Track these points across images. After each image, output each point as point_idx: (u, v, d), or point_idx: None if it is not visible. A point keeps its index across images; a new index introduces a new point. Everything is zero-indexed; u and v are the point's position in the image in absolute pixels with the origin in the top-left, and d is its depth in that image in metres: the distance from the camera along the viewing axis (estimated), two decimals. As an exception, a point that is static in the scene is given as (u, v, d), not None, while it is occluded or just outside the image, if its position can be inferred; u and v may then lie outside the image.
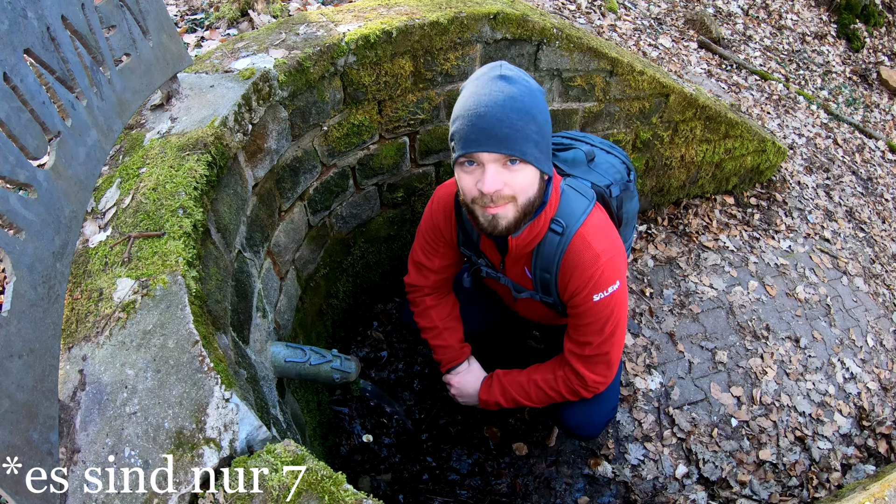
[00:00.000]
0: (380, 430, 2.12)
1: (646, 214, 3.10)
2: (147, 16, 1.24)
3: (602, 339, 1.41)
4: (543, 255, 1.38)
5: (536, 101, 1.17)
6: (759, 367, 2.55)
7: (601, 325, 1.39)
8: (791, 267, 3.10)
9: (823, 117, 4.63)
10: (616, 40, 3.61)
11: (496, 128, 1.13)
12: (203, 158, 1.22)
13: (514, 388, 1.58)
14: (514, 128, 1.13)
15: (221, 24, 2.36)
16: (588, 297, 1.35)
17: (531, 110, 1.15)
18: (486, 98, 1.14)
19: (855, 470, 2.34)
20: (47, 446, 0.78)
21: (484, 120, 1.13)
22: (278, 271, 1.70)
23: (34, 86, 0.82)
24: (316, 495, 0.79)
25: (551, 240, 1.35)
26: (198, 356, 0.92)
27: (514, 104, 1.13)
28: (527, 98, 1.15)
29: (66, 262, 0.88)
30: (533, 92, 1.18)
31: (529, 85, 1.18)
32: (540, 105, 1.18)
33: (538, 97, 1.18)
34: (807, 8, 5.99)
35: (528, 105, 1.15)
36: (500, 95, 1.14)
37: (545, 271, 1.41)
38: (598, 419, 1.64)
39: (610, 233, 1.39)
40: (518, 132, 1.14)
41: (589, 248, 1.32)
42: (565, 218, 1.35)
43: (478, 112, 1.14)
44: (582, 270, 1.33)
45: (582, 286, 1.34)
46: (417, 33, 1.78)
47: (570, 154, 1.59)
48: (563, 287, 1.40)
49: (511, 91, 1.14)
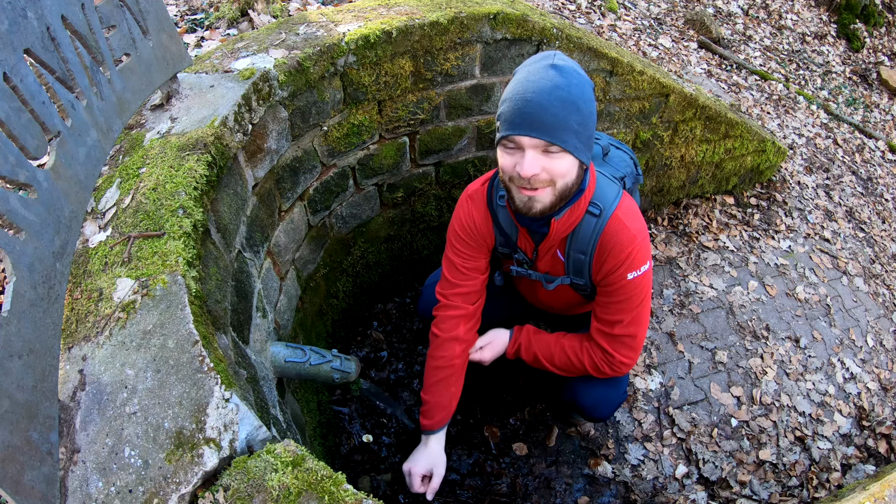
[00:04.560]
0: (380, 430, 2.12)
1: (646, 214, 3.10)
2: (147, 16, 1.24)
3: (631, 318, 1.45)
4: (580, 236, 1.42)
5: (584, 93, 1.20)
6: (759, 367, 2.55)
7: (632, 304, 1.43)
8: (791, 267, 3.10)
9: (823, 117, 4.63)
10: (616, 40, 3.61)
11: (540, 114, 1.16)
12: (203, 158, 1.22)
13: (539, 345, 1.61)
14: (557, 117, 1.16)
15: (221, 24, 2.36)
16: (623, 276, 1.39)
17: (577, 101, 1.18)
18: (534, 85, 1.17)
19: (855, 470, 2.34)
20: (47, 446, 0.78)
21: (529, 105, 1.17)
22: (278, 271, 1.70)
23: (34, 86, 0.82)
24: (316, 495, 0.79)
25: (588, 222, 1.40)
26: (198, 356, 0.92)
27: (560, 93, 1.16)
28: (574, 89, 1.18)
29: (66, 262, 0.88)
30: (582, 84, 1.20)
31: (580, 77, 1.21)
32: (587, 97, 1.20)
33: (586, 89, 1.21)
34: (807, 8, 5.99)
35: (574, 96, 1.17)
36: (547, 84, 1.16)
37: (580, 252, 1.44)
38: (613, 399, 1.69)
39: (640, 216, 1.44)
40: (560, 121, 1.16)
41: (625, 228, 1.37)
42: (601, 201, 1.40)
43: (525, 97, 1.17)
44: (620, 250, 1.37)
45: (619, 264, 1.38)
46: (417, 33, 1.78)
47: None
48: (598, 267, 1.43)
49: (559, 81, 1.17)
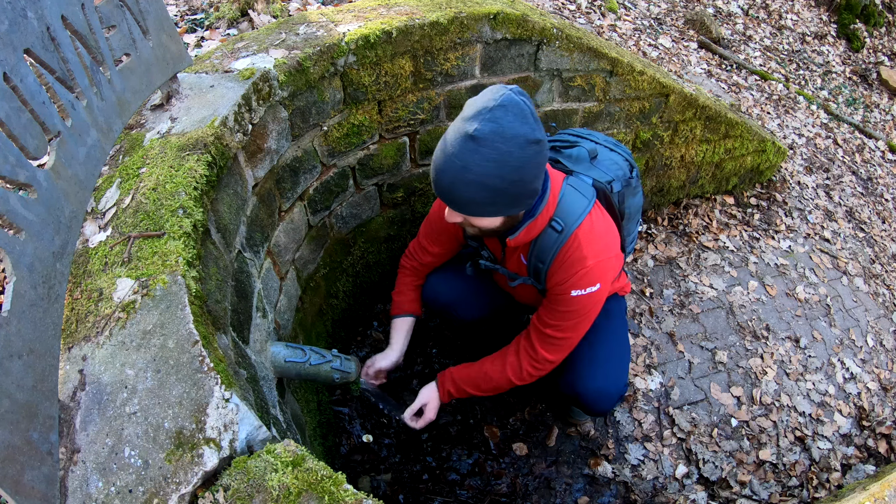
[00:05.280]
0: (380, 430, 2.12)
1: (646, 214, 3.10)
2: (147, 16, 1.24)
3: (567, 326, 1.51)
4: (541, 247, 1.47)
5: (501, 169, 1.17)
6: (759, 367, 2.55)
7: (571, 317, 1.50)
8: (791, 267, 3.10)
9: (823, 117, 4.63)
10: (616, 40, 3.61)
11: (450, 193, 1.24)
12: (203, 158, 1.22)
13: (463, 381, 1.69)
14: (465, 197, 1.22)
15: (221, 24, 2.35)
16: (567, 290, 1.45)
17: (487, 181, 1.18)
18: (448, 161, 1.20)
19: (855, 470, 2.34)
20: (47, 446, 0.78)
21: (439, 184, 1.24)
22: (278, 271, 1.70)
23: (34, 86, 0.82)
24: (316, 495, 0.79)
25: (550, 235, 1.44)
26: (198, 356, 0.92)
27: (467, 176, 1.18)
28: (488, 168, 1.17)
29: (66, 262, 0.88)
30: (499, 159, 1.16)
31: (499, 149, 1.16)
32: (503, 172, 1.17)
33: (506, 162, 1.17)
34: (807, 8, 5.99)
35: (484, 176, 1.18)
36: (456, 164, 1.18)
37: (539, 261, 1.50)
38: (613, 391, 1.72)
39: (605, 235, 1.45)
40: (470, 200, 1.23)
41: (580, 249, 1.41)
42: (564, 217, 1.42)
43: (437, 172, 1.24)
44: (570, 266, 1.43)
45: (566, 279, 1.44)
46: (417, 33, 1.78)
47: (574, 151, 1.65)
48: (550, 276, 1.49)
49: (470, 160, 1.17)
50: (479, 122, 1.16)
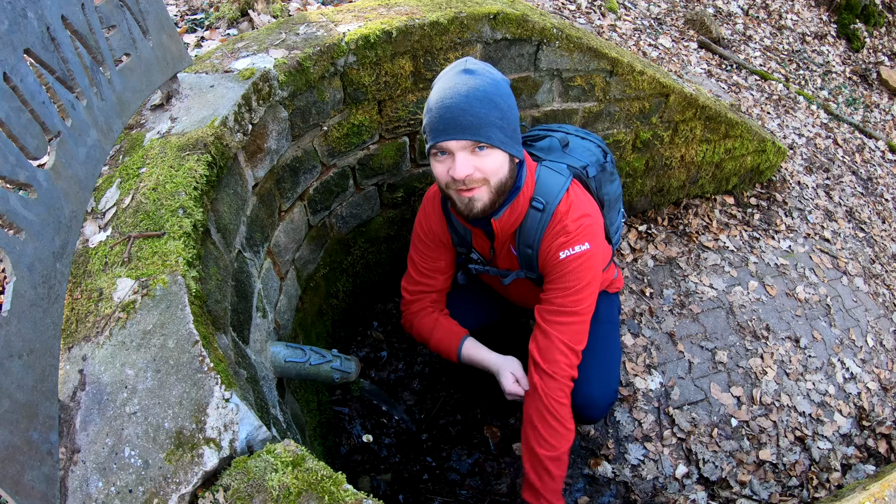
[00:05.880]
0: (380, 430, 2.12)
1: (646, 214, 3.10)
2: (147, 16, 1.24)
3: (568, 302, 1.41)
4: (526, 230, 1.46)
5: (500, 90, 1.27)
6: (759, 367, 2.55)
7: (569, 285, 1.41)
8: (791, 267, 3.10)
9: (823, 117, 4.63)
10: (616, 40, 3.61)
11: (462, 117, 1.22)
12: (203, 158, 1.22)
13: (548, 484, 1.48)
14: (478, 115, 1.23)
15: (221, 24, 2.36)
16: (556, 254, 1.41)
17: (494, 98, 1.24)
18: (452, 91, 1.25)
19: (855, 470, 2.34)
20: (47, 446, 0.78)
21: (450, 111, 1.23)
22: (278, 271, 1.70)
23: (34, 86, 0.82)
24: (316, 495, 0.79)
25: (533, 216, 1.44)
26: (198, 356, 0.92)
27: (476, 94, 1.23)
28: (489, 88, 1.25)
29: (66, 262, 0.88)
30: (496, 82, 1.27)
31: (493, 76, 1.28)
32: (503, 93, 1.27)
33: (501, 86, 1.28)
34: (807, 8, 5.99)
35: (490, 94, 1.24)
36: (463, 87, 1.24)
37: (528, 246, 1.49)
38: (602, 400, 1.64)
39: (587, 205, 1.47)
40: (482, 119, 1.23)
41: (563, 219, 1.42)
42: (545, 195, 1.44)
43: (444, 104, 1.24)
44: (554, 234, 1.43)
45: (552, 244, 1.43)
46: (417, 33, 1.78)
47: (545, 142, 1.67)
48: (541, 256, 1.47)
49: (474, 83, 1.24)
50: (464, 65, 1.29)
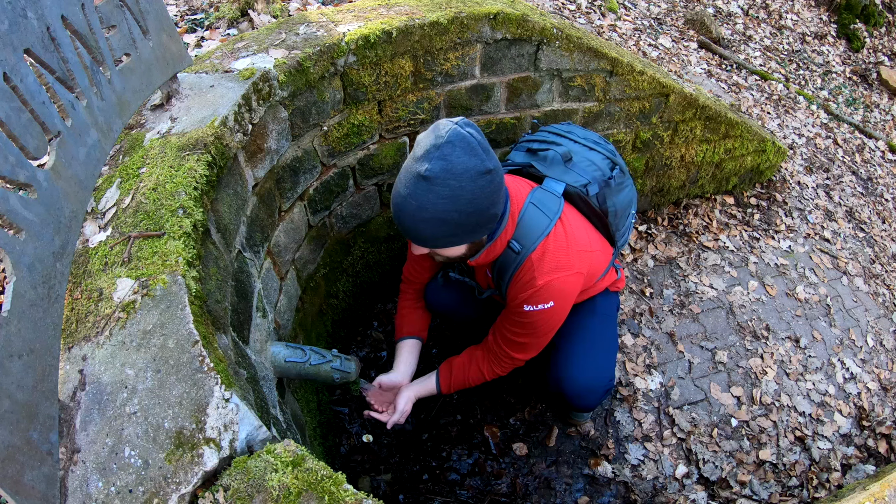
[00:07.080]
0: (380, 430, 2.12)
1: (646, 214, 3.10)
2: (147, 16, 1.24)
3: (523, 334, 1.58)
4: (501, 266, 1.54)
5: (457, 201, 1.22)
6: (759, 367, 2.55)
7: (526, 327, 1.56)
8: (791, 267, 3.10)
9: (823, 117, 4.63)
10: (616, 40, 3.61)
11: (408, 231, 1.30)
12: (203, 158, 1.22)
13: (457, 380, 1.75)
14: (425, 236, 1.29)
15: (221, 24, 2.35)
16: (520, 305, 1.51)
17: (444, 216, 1.23)
18: (403, 202, 1.25)
19: (855, 470, 2.34)
20: (47, 446, 0.78)
21: (401, 223, 1.30)
22: (278, 271, 1.70)
23: (34, 86, 0.82)
24: (316, 495, 0.79)
25: (509, 255, 1.49)
26: (198, 356, 0.92)
27: (423, 216, 1.24)
28: (441, 204, 1.21)
29: (66, 262, 0.88)
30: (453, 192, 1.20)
31: (453, 182, 1.19)
32: (462, 200, 1.21)
33: (461, 193, 1.21)
34: (807, 8, 5.99)
35: (440, 212, 1.22)
36: (412, 205, 1.23)
37: (500, 278, 1.57)
38: (596, 387, 1.75)
39: (563, 253, 1.48)
40: (429, 238, 1.29)
41: (531, 271, 1.46)
42: (523, 239, 1.47)
43: (396, 211, 1.29)
44: (521, 286, 1.49)
45: (519, 294, 1.50)
46: (417, 33, 1.78)
47: (550, 154, 1.68)
48: (508, 292, 1.56)
49: (425, 200, 1.21)
50: (428, 161, 1.19)
